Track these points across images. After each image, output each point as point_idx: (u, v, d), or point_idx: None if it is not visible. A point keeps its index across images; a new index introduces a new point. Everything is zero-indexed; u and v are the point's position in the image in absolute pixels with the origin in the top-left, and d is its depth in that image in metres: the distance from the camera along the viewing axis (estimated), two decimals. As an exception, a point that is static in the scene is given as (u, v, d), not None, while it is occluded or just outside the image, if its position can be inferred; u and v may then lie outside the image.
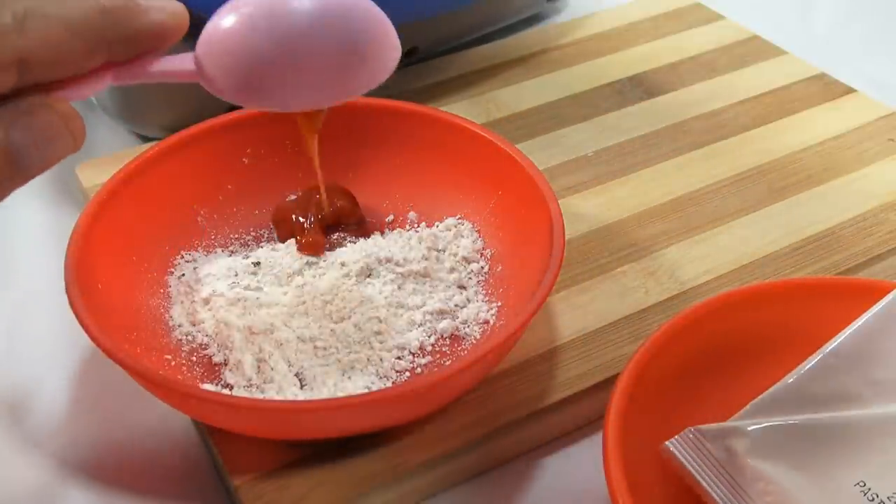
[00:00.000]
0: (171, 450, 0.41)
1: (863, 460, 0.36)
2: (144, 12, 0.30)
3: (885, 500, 0.35)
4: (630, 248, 0.47)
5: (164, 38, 0.31)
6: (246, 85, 0.31)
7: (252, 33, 0.30)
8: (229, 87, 0.31)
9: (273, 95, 0.31)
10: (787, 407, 0.38)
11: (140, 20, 0.30)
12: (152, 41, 0.31)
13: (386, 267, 0.44)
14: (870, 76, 0.63)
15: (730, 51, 0.64)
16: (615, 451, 0.33)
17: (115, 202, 0.41)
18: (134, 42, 0.30)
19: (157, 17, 0.30)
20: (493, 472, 0.40)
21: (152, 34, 0.30)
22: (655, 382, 0.37)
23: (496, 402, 0.40)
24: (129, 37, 0.30)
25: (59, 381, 0.43)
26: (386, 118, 0.48)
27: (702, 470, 0.36)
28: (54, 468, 0.40)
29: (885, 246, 0.48)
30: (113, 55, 0.30)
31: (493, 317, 0.43)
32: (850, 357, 0.39)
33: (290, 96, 0.32)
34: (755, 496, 0.35)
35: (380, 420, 0.37)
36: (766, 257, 0.47)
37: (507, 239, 0.45)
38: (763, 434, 0.37)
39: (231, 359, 0.40)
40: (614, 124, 0.57)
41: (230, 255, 0.46)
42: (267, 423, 0.36)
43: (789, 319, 0.40)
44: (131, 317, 0.41)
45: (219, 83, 0.31)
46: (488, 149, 0.45)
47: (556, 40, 0.65)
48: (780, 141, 0.55)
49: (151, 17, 0.30)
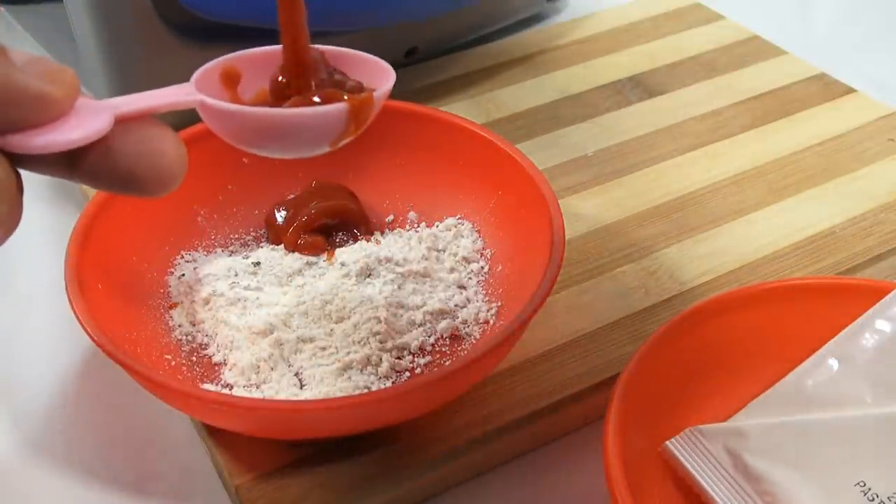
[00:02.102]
0: (171, 450, 0.41)
1: (863, 460, 0.36)
2: (19, 80, 0.25)
3: (885, 500, 0.35)
4: (630, 248, 0.47)
5: (47, 110, 0.26)
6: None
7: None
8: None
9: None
10: (787, 407, 0.38)
11: (13, 88, 0.25)
12: (32, 112, 0.26)
13: (386, 267, 0.44)
14: (870, 76, 0.63)
15: (730, 51, 0.64)
16: (615, 451, 0.33)
17: (115, 202, 0.41)
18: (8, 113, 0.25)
19: (37, 85, 0.26)
20: (493, 472, 0.40)
21: (30, 105, 0.26)
22: (655, 382, 0.37)
23: (496, 402, 0.40)
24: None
25: (59, 381, 0.43)
26: (386, 118, 0.47)
27: (702, 470, 0.36)
28: (54, 468, 0.40)
29: (885, 246, 0.48)
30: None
31: (493, 317, 0.43)
32: (850, 357, 0.39)
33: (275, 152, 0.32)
34: (755, 496, 0.35)
35: (380, 420, 0.37)
36: (766, 257, 0.47)
37: (507, 239, 0.45)
38: (763, 434, 0.37)
39: (231, 359, 0.40)
40: (614, 124, 0.57)
41: (230, 255, 0.46)
42: (267, 423, 0.36)
43: (789, 319, 0.40)
44: (131, 317, 0.41)
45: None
46: (488, 149, 0.45)
47: (556, 40, 0.65)
48: (780, 141, 0.55)
49: (30, 86, 0.25)
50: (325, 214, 0.46)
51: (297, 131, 0.31)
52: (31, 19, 0.63)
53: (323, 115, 0.31)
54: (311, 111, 0.30)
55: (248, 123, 0.30)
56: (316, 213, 0.46)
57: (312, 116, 0.31)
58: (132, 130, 0.28)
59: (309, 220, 0.45)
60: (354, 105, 0.31)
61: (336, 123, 0.31)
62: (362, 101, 0.31)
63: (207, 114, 0.30)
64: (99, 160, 0.27)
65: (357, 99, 0.31)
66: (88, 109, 0.27)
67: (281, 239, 0.46)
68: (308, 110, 0.30)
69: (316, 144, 0.31)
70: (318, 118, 0.31)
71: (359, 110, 0.31)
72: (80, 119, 0.27)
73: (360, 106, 0.31)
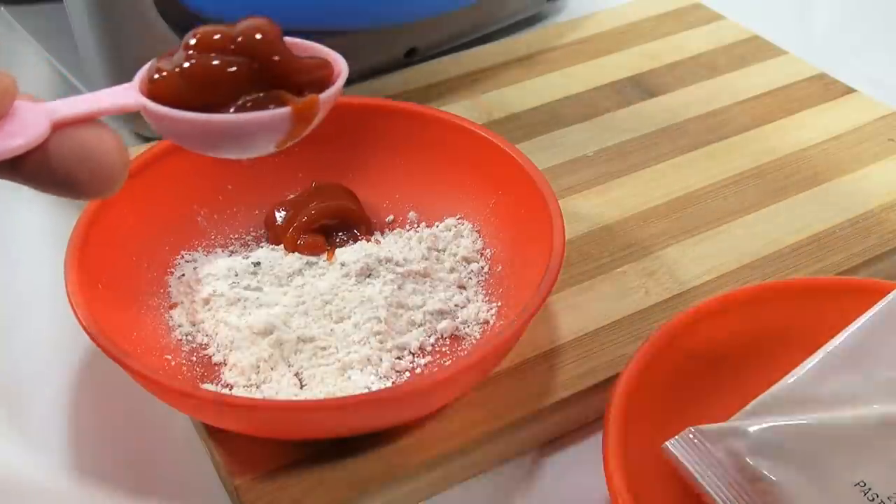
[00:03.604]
0: (171, 450, 0.41)
1: (863, 460, 0.36)
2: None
3: (885, 500, 0.35)
4: (630, 248, 0.47)
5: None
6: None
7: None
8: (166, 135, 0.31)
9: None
10: (787, 407, 0.38)
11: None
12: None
13: (386, 267, 0.44)
14: (870, 76, 0.63)
15: (730, 51, 0.64)
16: (615, 451, 0.33)
17: (116, 202, 0.41)
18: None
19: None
20: (494, 471, 0.40)
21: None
22: (655, 382, 0.37)
23: (496, 402, 0.40)
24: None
25: (59, 381, 0.43)
26: (386, 118, 0.48)
27: (702, 470, 0.36)
28: (54, 468, 0.40)
29: (885, 246, 0.48)
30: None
31: (493, 317, 0.43)
32: (850, 357, 0.39)
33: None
34: (755, 496, 0.35)
35: (380, 420, 0.37)
36: (766, 257, 0.47)
37: (507, 239, 0.45)
38: (763, 434, 0.37)
39: (231, 359, 0.40)
40: (614, 124, 0.57)
41: (230, 255, 0.46)
42: (267, 423, 0.36)
43: (789, 319, 0.40)
44: (131, 317, 0.41)
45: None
46: (488, 149, 0.45)
47: (556, 40, 0.65)
48: (780, 141, 0.55)
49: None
50: (325, 215, 0.46)
51: (240, 136, 0.30)
52: (31, 19, 0.63)
53: (267, 120, 0.30)
54: (254, 116, 0.30)
55: (192, 128, 0.30)
56: (316, 214, 0.46)
57: (256, 122, 0.30)
58: (71, 134, 0.28)
59: (309, 220, 0.45)
60: (298, 109, 0.30)
61: (280, 127, 0.30)
62: (306, 104, 0.30)
63: (150, 117, 0.30)
64: (38, 164, 0.27)
65: (301, 103, 0.30)
66: (27, 113, 0.27)
67: (281, 239, 0.46)
68: (252, 115, 0.30)
69: (261, 147, 0.31)
70: (261, 123, 0.30)
71: (302, 113, 0.31)
72: (20, 125, 0.27)
73: (304, 109, 0.31)
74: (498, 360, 0.39)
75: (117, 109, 0.29)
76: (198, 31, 0.30)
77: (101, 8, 0.49)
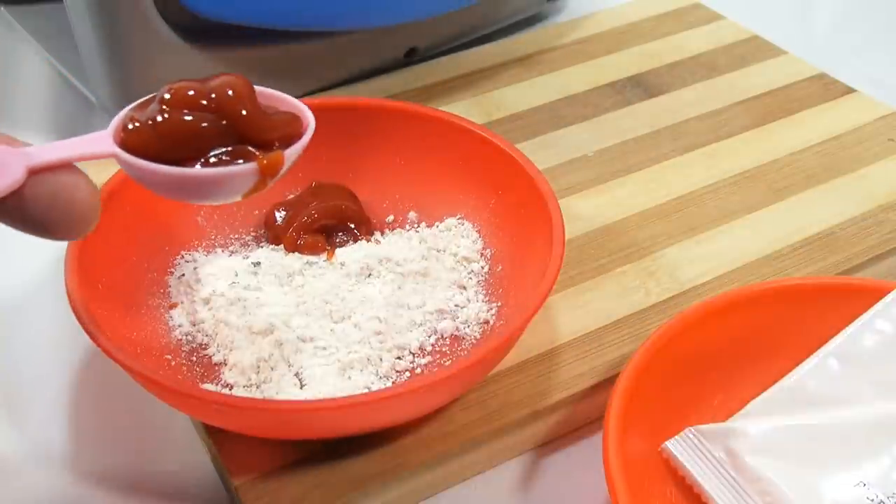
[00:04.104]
0: (171, 450, 0.41)
1: (863, 460, 0.36)
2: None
3: (885, 500, 0.35)
4: (630, 248, 0.47)
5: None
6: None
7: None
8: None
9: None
10: (787, 407, 0.38)
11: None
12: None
13: (386, 267, 0.44)
14: (870, 76, 0.63)
15: (730, 51, 0.64)
16: (615, 451, 0.33)
17: (115, 202, 0.41)
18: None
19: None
20: (493, 472, 0.40)
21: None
22: (655, 382, 0.37)
23: (496, 402, 0.40)
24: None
25: (59, 381, 0.43)
26: (386, 118, 0.48)
27: (702, 470, 0.36)
28: (54, 468, 0.40)
29: (885, 246, 0.48)
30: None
31: (493, 317, 0.43)
32: (850, 357, 0.39)
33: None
34: (755, 496, 0.35)
35: (380, 420, 0.37)
36: (766, 257, 0.47)
37: (507, 239, 0.45)
38: (763, 434, 0.37)
39: (231, 359, 0.40)
40: (614, 124, 0.57)
41: (230, 255, 0.46)
42: (267, 423, 0.36)
43: (789, 319, 0.40)
44: (131, 317, 0.41)
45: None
46: (488, 149, 0.45)
47: (556, 40, 0.65)
48: (780, 141, 0.55)
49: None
50: (325, 215, 0.46)
51: (208, 188, 0.32)
52: (31, 19, 0.63)
53: (234, 174, 0.32)
54: (222, 171, 0.31)
55: (161, 179, 0.31)
56: (316, 214, 0.46)
57: (224, 176, 0.31)
58: (46, 180, 0.29)
59: (309, 220, 0.45)
60: (264, 165, 0.32)
61: (246, 180, 0.32)
62: (271, 160, 0.32)
63: (122, 165, 0.31)
64: (12, 207, 0.28)
65: (267, 159, 0.32)
66: (6, 157, 0.28)
67: (281, 239, 0.46)
68: (219, 171, 0.31)
69: (228, 197, 0.33)
70: (229, 178, 0.32)
71: (268, 169, 0.32)
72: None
73: (270, 166, 0.32)
74: (498, 360, 0.39)
75: (91, 157, 0.30)
76: (173, 86, 0.32)
77: (101, 8, 0.49)
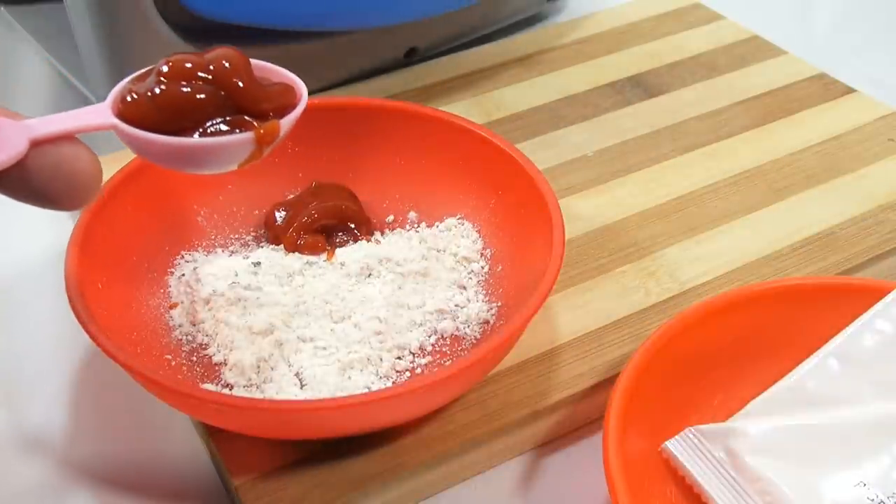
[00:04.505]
0: (171, 450, 0.41)
1: (863, 460, 0.36)
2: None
3: (885, 500, 0.35)
4: (630, 248, 0.47)
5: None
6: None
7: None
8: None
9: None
10: (787, 407, 0.38)
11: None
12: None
13: (386, 267, 0.44)
14: (870, 76, 0.63)
15: (730, 51, 0.64)
16: (615, 451, 0.33)
17: (115, 202, 0.41)
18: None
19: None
20: (493, 472, 0.40)
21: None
22: (655, 382, 0.37)
23: (496, 402, 0.40)
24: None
25: (59, 381, 0.43)
26: (386, 118, 0.48)
27: (702, 470, 0.36)
28: (54, 468, 0.40)
29: (885, 246, 0.48)
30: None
31: (493, 317, 0.43)
32: (849, 357, 0.39)
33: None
34: (755, 496, 0.35)
35: (380, 420, 0.37)
36: (766, 257, 0.47)
37: (507, 239, 0.45)
38: (763, 434, 0.37)
39: (231, 359, 0.40)
40: (614, 124, 0.57)
41: (230, 255, 0.46)
42: (267, 423, 0.36)
43: (789, 320, 0.40)
44: (131, 317, 0.41)
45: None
46: (488, 149, 0.45)
47: (556, 40, 0.65)
48: (780, 141, 0.55)
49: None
50: (325, 215, 0.46)
51: (205, 157, 0.33)
52: (31, 19, 0.63)
53: (230, 144, 0.32)
54: (219, 141, 0.32)
55: (160, 149, 0.32)
56: (316, 214, 0.46)
57: (221, 146, 0.32)
58: (48, 151, 0.29)
59: (309, 220, 0.45)
60: (260, 134, 0.33)
61: (243, 149, 0.33)
62: (267, 129, 0.33)
63: (121, 136, 0.32)
64: (17, 178, 0.29)
65: (263, 128, 0.33)
66: (8, 130, 0.29)
67: (281, 239, 0.46)
68: (216, 140, 0.32)
69: (225, 166, 0.33)
70: (225, 147, 0.32)
71: (264, 138, 0.33)
72: (1, 142, 0.28)
73: (266, 135, 0.33)
74: (498, 360, 0.39)
75: (91, 128, 0.31)
76: (171, 58, 0.33)
77: (102, 8, 0.49)
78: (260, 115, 0.33)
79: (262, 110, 0.33)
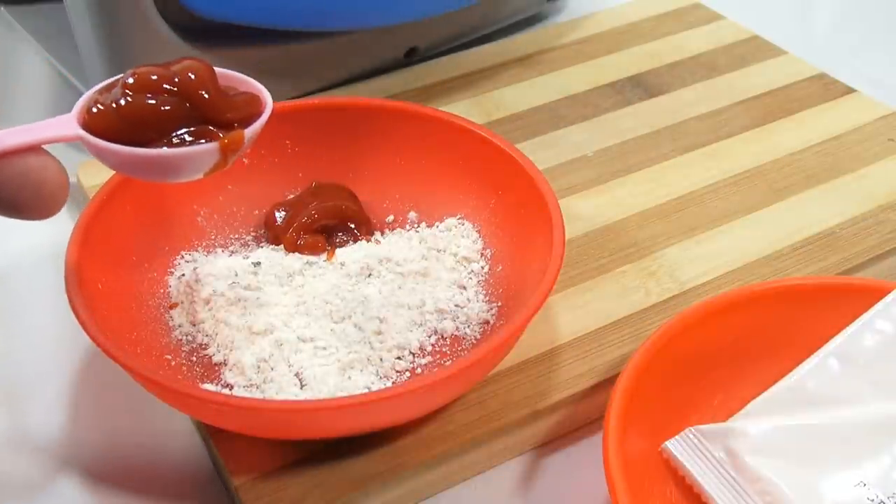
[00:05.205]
0: (171, 450, 0.41)
1: (863, 460, 0.36)
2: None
3: (885, 500, 0.35)
4: (630, 248, 0.47)
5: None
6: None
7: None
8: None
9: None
10: (787, 407, 0.38)
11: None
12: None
13: (386, 267, 0.44)
14: (870, 76, 0.63)
15: (730, 51, 0.64)
16: (615, 451, 0.33)
17: (115, 202, 0.41)
18: None
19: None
20: (493, 472, 0.40)
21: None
22: (655, 382, 0.37)
23: (496, 402, 0.40)
24: None
25: (59, 381, 0.43)
26: (386, 118, 0.48)
27: (702, 470, 0.36)
28: (55, 468, 0.40)
29: (885, 246, 0.48)
30: None
31: (493, 317, 0.43)
32: (849, 357, 0.39)
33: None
34: (755, 496, 0.35)
35: (380, 420, 0.37)
36: (766, 257, 0.47)
37: (507, 239, 0.45)
38: (763, 434, 0.37)
39: (231, 359, 0.40)
40: (614, 124, 0.57)
41: (230, 255, 0.46)
42: (267, 423, 0.36)
43: (789, 320, 0.40)
44: (131, 317, 0.41)
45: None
46: (488, 149, 0.45)
47: (556, 40, 0.65)
48: (780, 141, 0.55)
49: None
50: (325, 215, 0.46)
51: (171, 167, 0.33)
52: (31, 19, 0.63)
53: (195, 154, 0.33)
54: (184, 151, 0.33)
55: (125, 160, 0.32)
56: (316, 214, 0.46)
57: (185, 156, 0.33)
58: (14, 163, 0.30)
59: (309, 220, 0.45)
60: (224, 144, 0.33)
61: (208, 159, 0.33)
62: (232, 139, 0.33)
63: (87, 147, 0.32)
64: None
65: (227, 138, 0.33)
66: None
67: (281, 239, 0.46)
68: (181, 151, 0.33)
69: (191, 175, 0.34)
70: (190, 157, 0.33)
71: (229, 147, 0.33)
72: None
73: (230, 144, 0.33)
74: (498, 360, 0.39)
75: (57, 139, 0.31)
76: (136, 70, 0.33)
77: (101, 8, 0.49)
78: (225, 124, 0.34)
79: (226, 120, 0.34)
